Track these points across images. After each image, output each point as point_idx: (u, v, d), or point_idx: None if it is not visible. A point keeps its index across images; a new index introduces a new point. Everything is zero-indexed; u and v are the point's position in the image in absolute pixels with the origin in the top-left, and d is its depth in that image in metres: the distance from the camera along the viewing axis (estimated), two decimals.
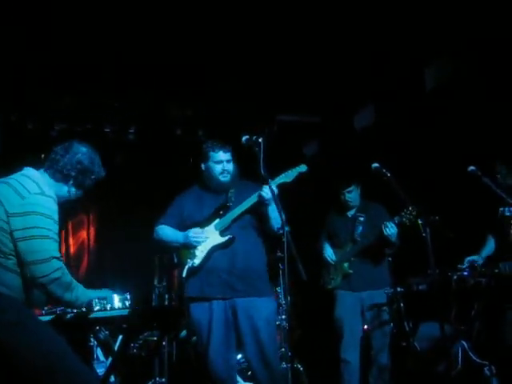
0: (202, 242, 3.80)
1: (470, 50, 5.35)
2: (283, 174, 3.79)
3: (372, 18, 5.16)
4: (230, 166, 3.88)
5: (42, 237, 2.64)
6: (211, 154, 3.90)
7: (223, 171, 3.87)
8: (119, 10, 4.99)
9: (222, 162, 3.87)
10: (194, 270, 3.80)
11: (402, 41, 5.46)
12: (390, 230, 4.68)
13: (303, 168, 3.83)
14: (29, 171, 2.83)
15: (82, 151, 2.92)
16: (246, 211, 3.78)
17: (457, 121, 5.55)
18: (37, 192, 2.70)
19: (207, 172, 3.94)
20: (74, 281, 2.79)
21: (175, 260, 4.03)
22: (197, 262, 3.79)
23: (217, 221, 3.85)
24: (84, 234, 7.76)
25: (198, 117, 7.25)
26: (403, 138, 6.21)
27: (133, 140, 7.30)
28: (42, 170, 2.86)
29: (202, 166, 3.97)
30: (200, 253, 3.80)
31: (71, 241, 7.68)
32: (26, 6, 4.83)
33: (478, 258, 4.61)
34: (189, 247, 3.83)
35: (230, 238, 3.78)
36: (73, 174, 2.86)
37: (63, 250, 7.43)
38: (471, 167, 4.35)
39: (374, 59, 5.84)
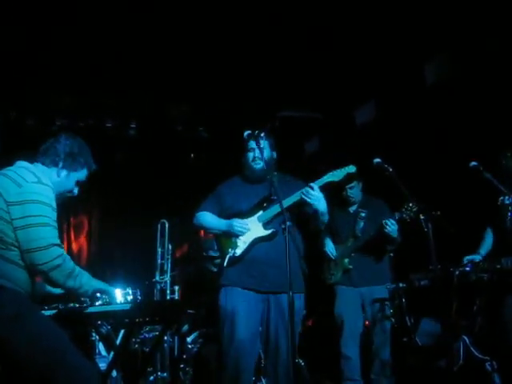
0: (246, 232, 3.76)
1: (470, 45, 5.35)
2: (330, 173, 3.76)
3: (372, 13, 5.16)
4: (261, 153, 3.79)
5: (41, 224, 2.65)
6: (246, 143, 3.89)
7: (255, 158, 3.84)
8: (119, 7, 5.00)
9: (253, 150, 3.84)
10: (234, 260, 3.77)
11: (403, 36, 5.46)
12: (391, 226, 4.67)
13: (352, 169, 3.79)
14: (22, 163, 2.85)
15: (70, 140, 2.98)
16: (289, 208, 3.68)
17: (457, 116, 5.55)
18: (34, 181, 2.72)
19: (244, 161, 3.93)
20: (78, 268, 2.79)
21: (215, 248, 4.05)
22: (238, 252, 3.76)
23: (260, 213, 3.80)
24: (85, 230, 7.77)
25: (199, 113, 7.25)
26: (404, 133, 6.21)
27: (134, 136, 7.30)
28: (35, 163, 2.90)
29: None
30: (242, 243, 3.76)
31: (73, 237, 7.69)
32: (28, 5, 4.83)
33: (476, 257, 4.61)
34: (230, 236, 3.80)
35: (273, 232, 3.73)
36: (62, 156, 2.91)
37: (65, 247, 7.43)
38: (473, 162, 4.35)
39: (374, 55, 5.84)
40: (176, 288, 5.70)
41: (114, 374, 4.54)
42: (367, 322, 5.06)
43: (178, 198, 7.52)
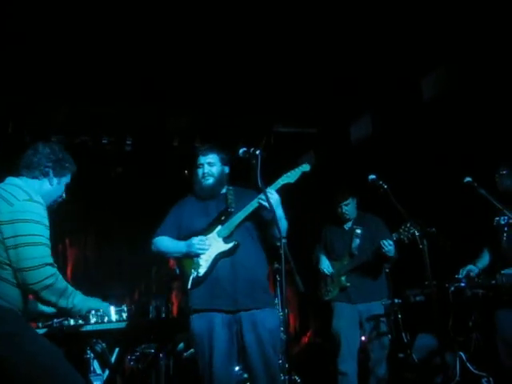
0: (206, 249, 3.64)
1: (466, 60, 5.38)
2: (285, 175, 3.67)
3: (368, 28, 5.19)
4: (211, 169, 3.77)
5: (33, 243, 2.64)
6: (196, 159, 3.85)
7: (203, 174, 3.77)
8: (116, 21, 5.01)
9: (202, 166, 3.79)
10: (198, 281, 3.63)
11: (399, 50, 5.49)
12: (387, 247, 4.67)
13: (306, 167, 3.71)
14: (12, 180, 2.85)
15: (49, 146, 2.98)
16: (248, 217, 3.63)
17: (455, 131, 5.57)
18: (25, 198, 2.70)
19: (194, 178, 3.87)
20: (70, 287, 2.78)
21: (177, 271, 3.88)
22: (202, 271, 3.63)
23: (219, 227, 3.69)
24: (81, 245, 7.74)
25: (195, 128, 7.26)
26: (400, 148, 6.22)
27: (130, 151, 7.31)
28: (21, 177, 2.88)
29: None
30: (204, 262, 3.64)
31: (69, 254, 7.66)
32: (24, 18, 4.84)
33: (473, 268, 4.61)
34: (192, 257, 3.67)
35: (234, 245, 3.62)
36: (49, 164, 2.91)
37: (60, 263, 7.41)
38: (467, 178, 4.36)
39: (370, 69, 5.86)
40: (170, 306, 5.68)
41: None
42: (364, 338, 5.04)
43: None
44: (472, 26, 5.04)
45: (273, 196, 3.52)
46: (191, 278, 3.63)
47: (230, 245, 3.63)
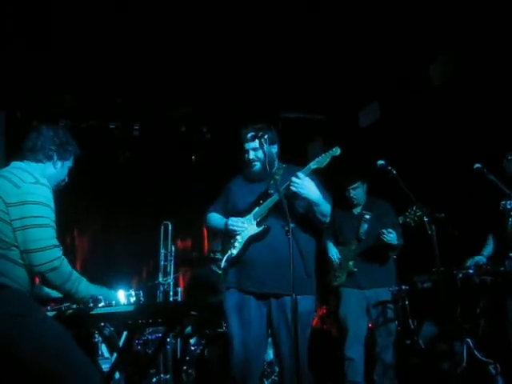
0: (240, 231, 3.63)
1: (475, 46, 5.33)
2: (315, 160, 3.57)
3: (376, 14, 5.15)
4: (256, 154, 3.69)
5: (40, 225, 2.65)
6: (242, 144, 3.77)
7: (249, 160, 3.72)
8: (122, 7, 5.00)
9: (247, 151, 3.73)
10: (232, 260, 3.66)
11: (407, 37, 5.45)
12: (389, 236, 4.66)
13: (336, 151, 3.55)
14: (17, 164, 2.85)
15: (53, 129, 2.97)
16: (280, 201, 3.46)
17: (463, 117, 5.54)
18: (31, 181, 2.71)
19: (242, 162, 3.81)
20: (76, 273, 2.78)
21: (219, 247, 3.98)
22: (235, 252, 3.65)
23: (256, 209, 3.66)
24: (88, 231, 7.77)
25: (202, 114, 7.25)
26: (408, 134, 6.19)
27: (137, 136, 7.31)
28: (25, 161, 2.88)
29: None
30: (238, 243, 3.65)
31: (76, 239, 7.69)
32: (30, 5, 4.83)
33: (480, 259, 4.60)
34: (229, 235, 3.70)
35: (264, 229, 3.58)
36: (53, 148, 2.90)
37: (67, 246, 7.45)
38: (477, 164, 4.34)
39: (378, 56, 5.82)
40: (179, 290, 5.71)
41: (117, 375, 4.54)
42: (371, 325, 5.05)
43: (181, 199, 7.52)
44: (480, 12, 5.00)
45: (303, 181, 3.45)
46: (225, 257, 3.69)
47: (260, 228, 3.60)
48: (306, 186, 3.46)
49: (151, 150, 7.44)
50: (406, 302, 4.97)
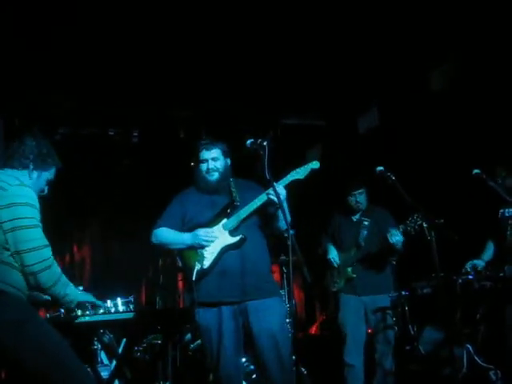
0: (212, 241, 3.61)
1: (475, 51, 5.34)
2: (294, 172, 3.64)
3: (376, 19, 5.16)
4: (216, 164, 3.74)
5: (31, 226, 2.67)
6: (199, 153, 3.81)
7: (208, 170, 3.74)
8: (120, 13, 5.00)
9: (206, 161, 3.75)
10: (203, 273, 3.60)
11: (407, 42, 5.45)
12: (395, 237, 4.64)
13: (316, 164, 3.66)
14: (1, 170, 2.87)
15: (36, 141, 2.98)
16: (255, 211, 3.62)
17: (461, 123, 5.54)
18: (17, 183, 2.73)
19: (197, 173, 3.83)
20: (64, 276, 2.80)
21: (179, 263, 3.82)
22: (207, 263, 3.60)
23: (224, 220, 3.66)
24: (88, 238, 7.77)
25: (202, 120, 7.25)
26: (407, 140, 6.19)
27: (137, 143, 7.32)
28: (5, 168, 2.89)
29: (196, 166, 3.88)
30: (210, 254, 3.61)
31: (75, 245, 7.69)
32: (29, 10, 4.84)
33: (479, 262, 4.60)
34: (196, 248, 3.65)
35: (241, 238, 3.60)
36: (30, 157, 2.90)
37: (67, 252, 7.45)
38: (476, 170, 4.34)
39: (377, 62, 5.83)
40: (177, 297, 5.70)
41: (116, 383, 4.53)
42: (370, 331, 5.04)
43: None
44: (479, 17, 5.00)
45: (281, 191, 3.49)
46: (195, 271, 3.59)
47: (237, 238, 3.61)
48: (283, 195, 3.50)
49: (151, 157, 7.44)
50: (406, 308, 4.97)
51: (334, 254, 5.04)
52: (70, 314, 3.22)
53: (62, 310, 3.40)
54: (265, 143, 3.42)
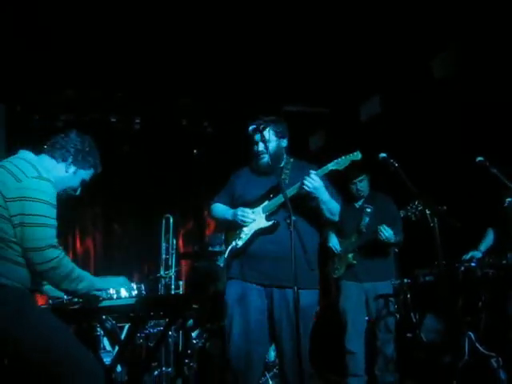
0: (249, 222, 3.61)
1: (477, 38, 5.31)
2: (334, 161, 3.56)
3: (378, 7, 5.13)
4: (267, 146, 3.61)
5: (38, 224, 2.60)
6: (251, 135, 3.73)
7: (257, 152, 3.68)
8: (125, 3, 4.98)
9: (256, 143, 3.70)
10: (236, 252, 3.64)
11: (409, 30, 5.42)
12: (385, 234, 4.65)
13: (357, 156, 3.60)
14: (25, 154, 2.79)
15: (81, 137, 2.95)
16: (293, 198, 3.47)
17: (464, 110, 5.51)
18: (34, 175, 2.65)
19: (251, 153, 3.78)
20: (77, 271, 2.74)
21: (223, 238, 3.93)
22: (240, 243, 3.63)
23: (265, 203, 3.64)
24: (90, 225, 7.78)
25: (204, 107, 7.23)
26: (410, 127, 6.17)
27: (138, 130, 7.30)
28: (40, 155, 2.85)
29: None
30: (244, 235, 3.63)
31: (78, 233, 7.70)
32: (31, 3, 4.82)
33: (477, 254, 4.59)
34: (236, 226, 3.67)
35: (274, 224, 3.56)
36: (72, 151, 2.87)
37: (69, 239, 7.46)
38: (479, 157, 4.32)
39: (380, 49, 5.80)
40: (180, 283, 5.71)
41: (119, 368, 4.55)
42: (371, 318, 5.04)
43: (182, 192, 7.52)
44: (482, 5, 4.97)
45: (314, 182, 3.44)
46: (229, 248, 3.66)
47: (270, 223, 3.59)
48: (316, 186, 3.45)
49: (152, 144, 7.43)
50: (408, 296, 4.96)
51: (334, 242, 5.04)
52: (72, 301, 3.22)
53: (65, 297, 3.38)
54: (267, 129, 3.39)
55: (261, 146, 3.67)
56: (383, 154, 4.07)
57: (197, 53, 5.90)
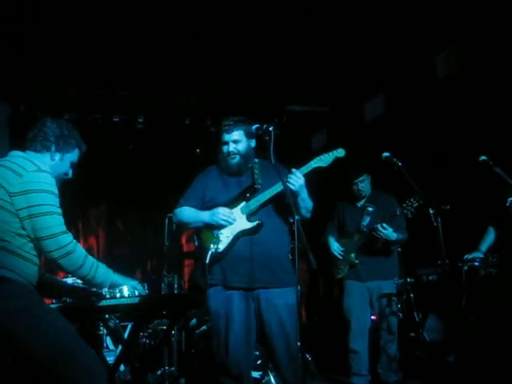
0: (232, 223, 3.53)
1: (480, 38, 5.30)
2: (318, 158, 3.55)
3: (382, 6, 5.12)
4: (237, 147, 3.65)
5: (48, 213, 2.65)
6: (220, 135, 3.74)
7: (229, 153, 3.65)
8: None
9: (227, 144, 3.67)
10: (217, 256, 3.53)
11: (413, 29, 5.41)
12: (383, 231, 4.66)
13: (341, 152, 3.58)
14: (16, 153, 2.84)
15: (57, 123, 2.96)
16: (273, 197, 3.52)
17: (468, 110, 5.50)
18: (33, 169, 2.70)
19: (220, 154, 3.75)
20: (91, 258, 2.79)
21: (195, 243, 3.77)
22: (221, 247, 3.53)
23: (243, 204, 3.58)
24: (94, 224, 7.79)
25: (207, 106, 7.23)
26: (414, 127, 6.16)
27: (142, 129, 7.31)
28: (26, 151, 2.87)
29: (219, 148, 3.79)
30: (225, 238, 3.54)
31: (81, 231, 7.71)
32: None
33: (477, 255, 4.58)
34: (214, 227, 3.58)
35: (258, 224, 3.52)
36: (52, 139, 2.88)
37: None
38: (482, 157, 4.31)
39: (383, 48, 5.79)
40: (183, 283, 5.71)
41: (122, 367, 4.55)
42: (375, 317, 5.05)
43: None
44: (485, 4, 4.95)
45: (299, 180, 3.44)
46: (210, 253, 3.52)
47: (254, 223, 3.54)
48: (302, 184, 3.45)
49: (155, 143, 7.43)
50: (411, 295, 4.96)
51: (335, 247, 5.05)
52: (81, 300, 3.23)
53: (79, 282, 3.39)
54: (270, 128, 3.37)
55: (231, 147, 3.67)
56: (386, 153, 4.07)
57: (200, 51, 5.90)
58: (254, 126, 3.49)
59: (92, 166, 6.61)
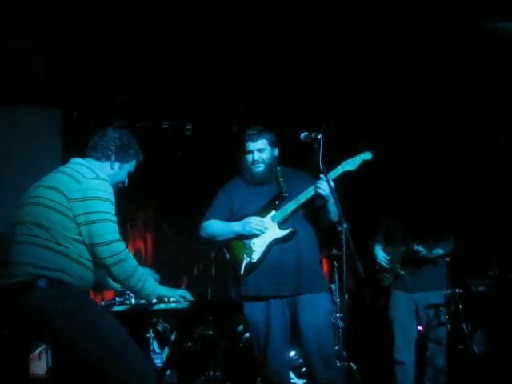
0: (263, 232, 3.54)
1: None
2: (345, 163, 3.57)
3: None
4: (262, 155, 3.68)
5: (103, 220, 2.73)
6: (244, 144, 3.76)
7: (254, 161, 3.68)
8: (176, 10, 5.04)
9: (252, 152, 3.69)
10: (252, 267, 3.54)
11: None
12: (417, 253, 4.70)
13: (368, 155, 3.59)
14: (77, 160, 2.94)
15: (118, 132, 3.05)
16: (304, 204, 3.56)
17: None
18: (92, 177, 2.79)
19: (243, 164, 3.78)
20: (141, 269, 2.86)
21: (226, 256, 3.75)
22: (255, 257, 3.53)
23: (273, 212, 3.59)
24: (143, 225, 7.88)
25: (256, 114, 7.25)
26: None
27: (190, 136, 7.39)
28: (86, 158, 2.97)
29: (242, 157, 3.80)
30: (258, 247, 3.54)
31: (129, 236, 7.82)
32: (89, 8, 4.93)
33: None
34: (246, 237, 3.59)
35: (291, 232, 3.54)
36: (113, 149, 2.97)
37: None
38: None
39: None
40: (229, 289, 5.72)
41: (168, 371, 4.61)
42: (421, 328, 4.97)
43: None
44: None
45: (327, 184, 3.42)
46: (244, 264, 3.54)
47: (287, 231, 3.56)
48: (329, 188, 3.42)
49: (203, 150, 7.50)
50: (460, 306, 4.87)
51: (381, 256, 5.00)
52: (125, 302, 3.29)
53: (117, 299, 3.47)
54: (319, 136, 3.37)
55: (256, 155, 3.68)
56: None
57: (248, 60, 5.93)
58: (303, 134, 3.47)
59: (141, 171, 6.73)
